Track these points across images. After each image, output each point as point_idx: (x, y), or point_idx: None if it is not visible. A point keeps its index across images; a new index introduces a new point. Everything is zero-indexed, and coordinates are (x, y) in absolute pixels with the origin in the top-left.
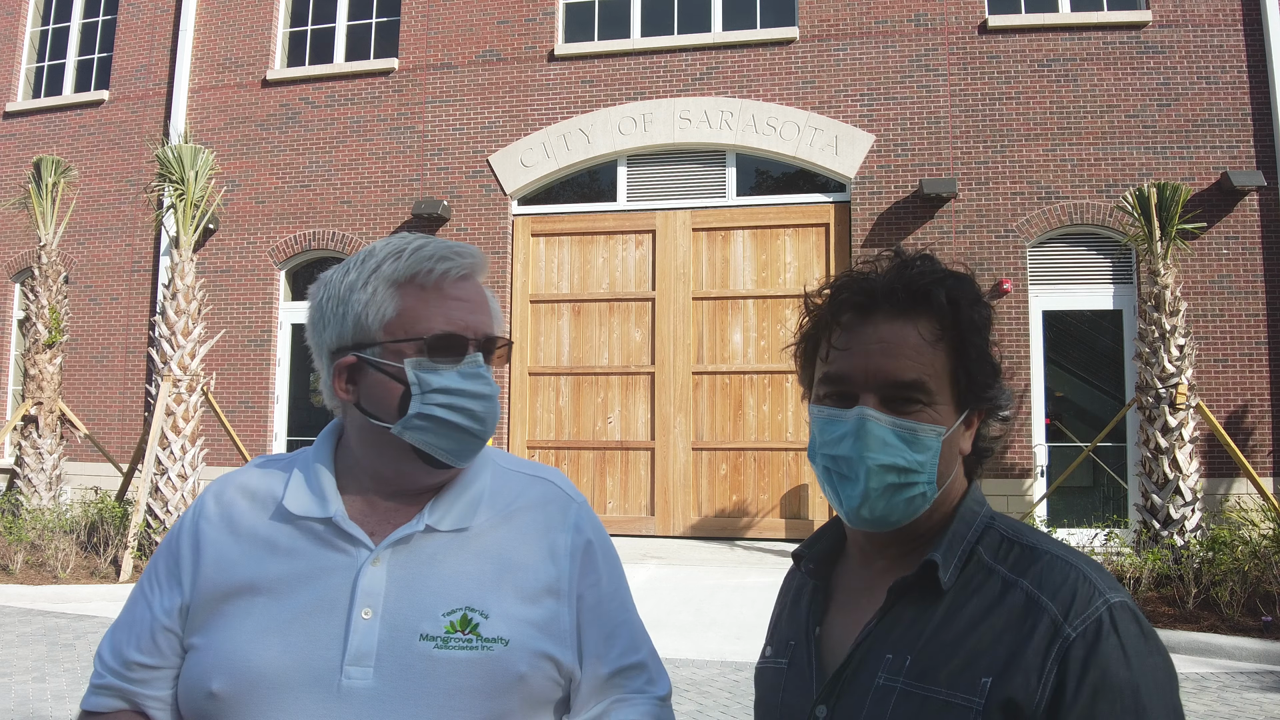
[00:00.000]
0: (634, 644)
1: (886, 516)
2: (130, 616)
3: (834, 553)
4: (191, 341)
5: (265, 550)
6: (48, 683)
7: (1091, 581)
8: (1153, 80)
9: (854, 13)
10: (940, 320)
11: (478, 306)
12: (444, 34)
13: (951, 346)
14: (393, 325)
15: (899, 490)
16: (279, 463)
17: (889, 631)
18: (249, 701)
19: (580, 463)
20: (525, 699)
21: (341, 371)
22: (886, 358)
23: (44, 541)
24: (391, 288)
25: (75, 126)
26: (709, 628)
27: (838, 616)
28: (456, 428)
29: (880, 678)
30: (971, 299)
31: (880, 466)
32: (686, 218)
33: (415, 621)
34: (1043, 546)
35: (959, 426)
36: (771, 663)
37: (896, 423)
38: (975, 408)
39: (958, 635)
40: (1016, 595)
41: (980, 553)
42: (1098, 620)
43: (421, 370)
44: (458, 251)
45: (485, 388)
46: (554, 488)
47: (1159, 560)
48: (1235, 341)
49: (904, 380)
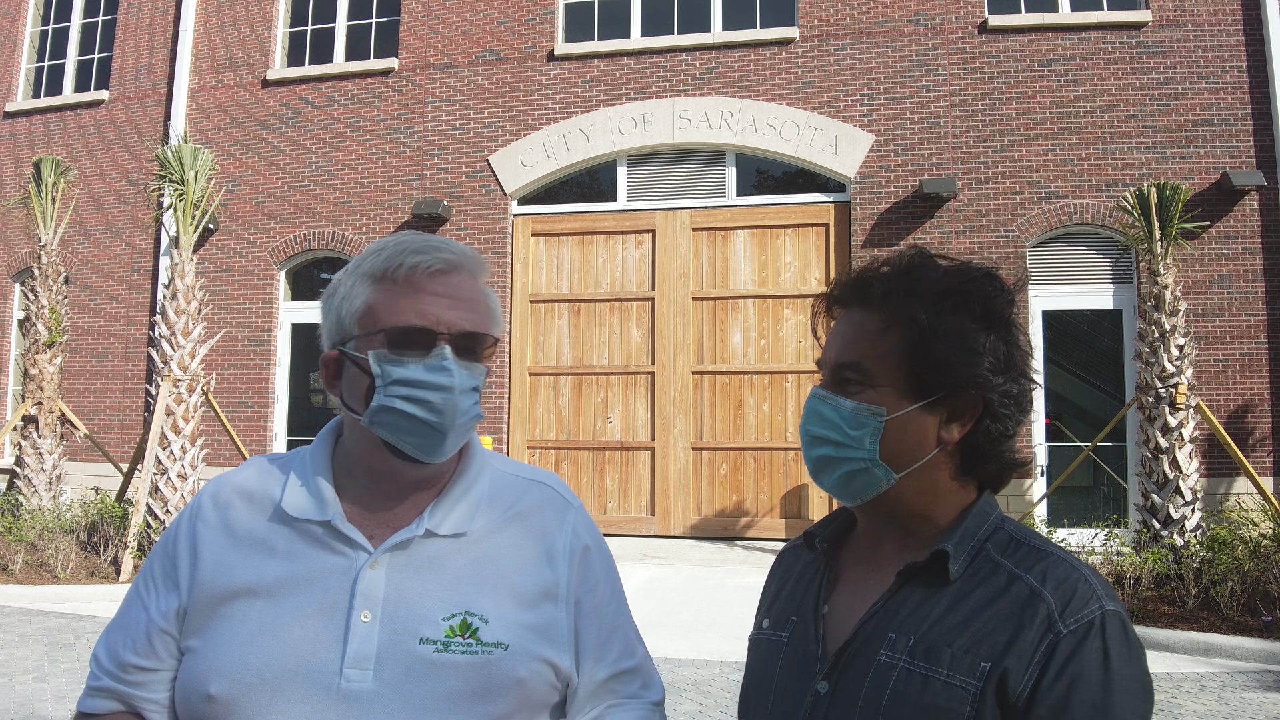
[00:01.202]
0: (630, 648)
1: (834, 487)
2: (125, 618)
3: (843, 535)
4: (191, 341)
5: (263, 553)
6: (48, 683)
7: (1092, 586)
8: (1153, 80)
9: (854, 13)
10: (884, 310)
11: (458, 303)
12: (444, 34)
13: (899, 334)
14: (365, 319)
15: (835, 464)
16: (275, 463)
17: (895, 612)
18: (247, 704)
19: (580, 463)
20: (523, 703)
21: (327, 365)
22: (835, 343)
23: (44, 541)
24: (367, 282)
25: (75, 126)
26: (709, 628)
27: (843, 596)
28: (415, 419)
29: (883, 655)
30: (927, 292)
31: (812, 437)
32: (686, 218)
33: (415, 625)
34: (1049, 549)
35: (914, 412)
36: (768, 634)
37: (832, 399)
38: (940, 395)
39: (962, 620)
40: (1020, 587)
41: (989, 549)
42: (1089, 622)
43: (385, 362)
44: (435, 246)
45: (446, 379)
46: (552, 492)
47: (1159, 560)
48: (1235, 341)
49: (843, 361)
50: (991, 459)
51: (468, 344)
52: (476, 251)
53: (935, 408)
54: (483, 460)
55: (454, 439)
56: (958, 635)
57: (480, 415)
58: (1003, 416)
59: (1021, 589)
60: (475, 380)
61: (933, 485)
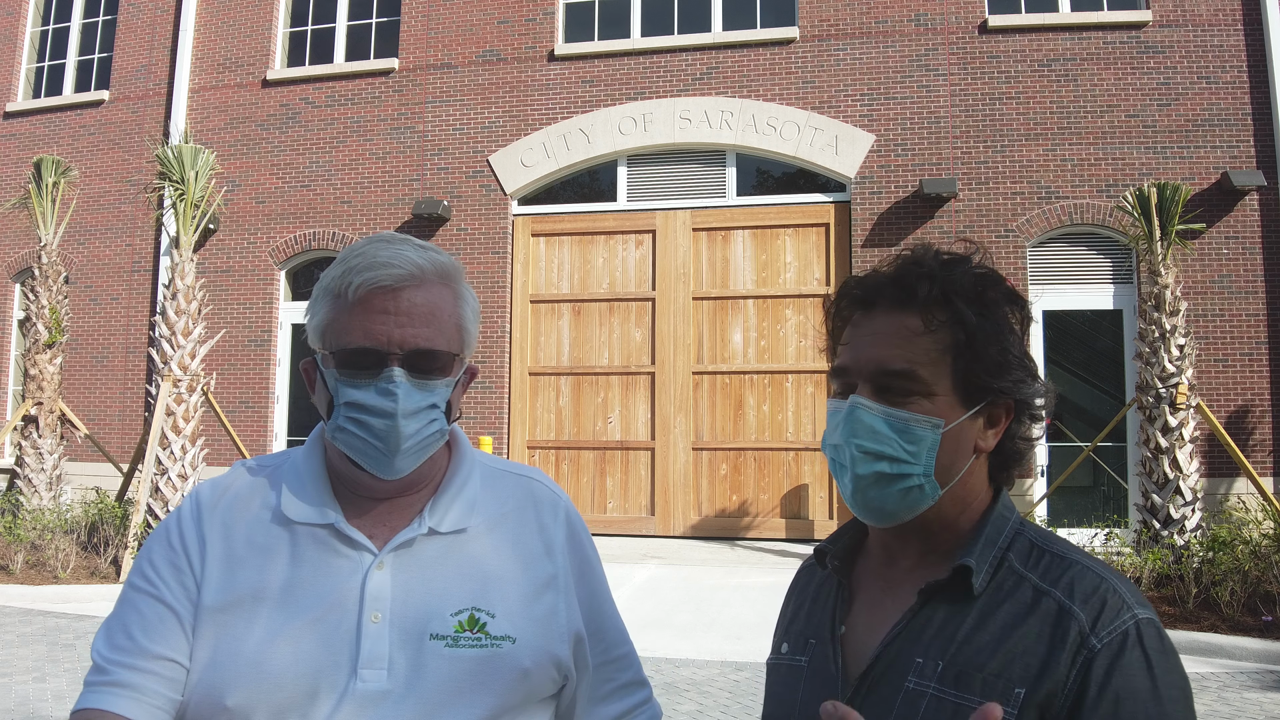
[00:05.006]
0: (621, 635)
1: (883, 508)
2: (132, 607)
3: (855, 550)
4: (191, 341)
5: (267, 557)
6: (48, 683)
7: (1121, 595)
8: (1153, 80)
9: (854, 13)
10: (931, 312)
11: (411, 319)
12: (444, 34)
13: (948, 338)
14: (325, 335)
15: (890, 481)
16: (265, 467)
17: (918, 634)
18: (265, 711)
19: (580, 463)
20: (528, 693)
21: (306, 373)
22: (877, 348)
23: (44, 541)
24: (326, 298)
25: (75, 126)
26: (709, 628)
27: (860, 616)
28: (363, 440)
29: (910, 681)
30: (968, 290)
31: (865, 453)
32: (686, 218)
33: (424, 623)
34: (1072, 556)
35: (965, 421)
36: (788, 659)
37: (887, 411)
38: (987, 401)
39: (990, 642)
40: (1048, 603)
41: (1011, 559)
42: (1124, 633)
43: (339, 382)
44: (388, 261)
45: (389, 404)
46: (543, 486)
47: (1159, 560)
48: (1235, 341)
49: (893, 369)
50: (1020, 464)
51: (422, 361)
52: (448, 258)
53: (978, 415)
54: (472, 457)
55: (404, 460)
56: (988, 658)
57: (443, 430)
58: (1032, 419)
59: (1050, 605)
60: (431, 398)
61: (964, 495)
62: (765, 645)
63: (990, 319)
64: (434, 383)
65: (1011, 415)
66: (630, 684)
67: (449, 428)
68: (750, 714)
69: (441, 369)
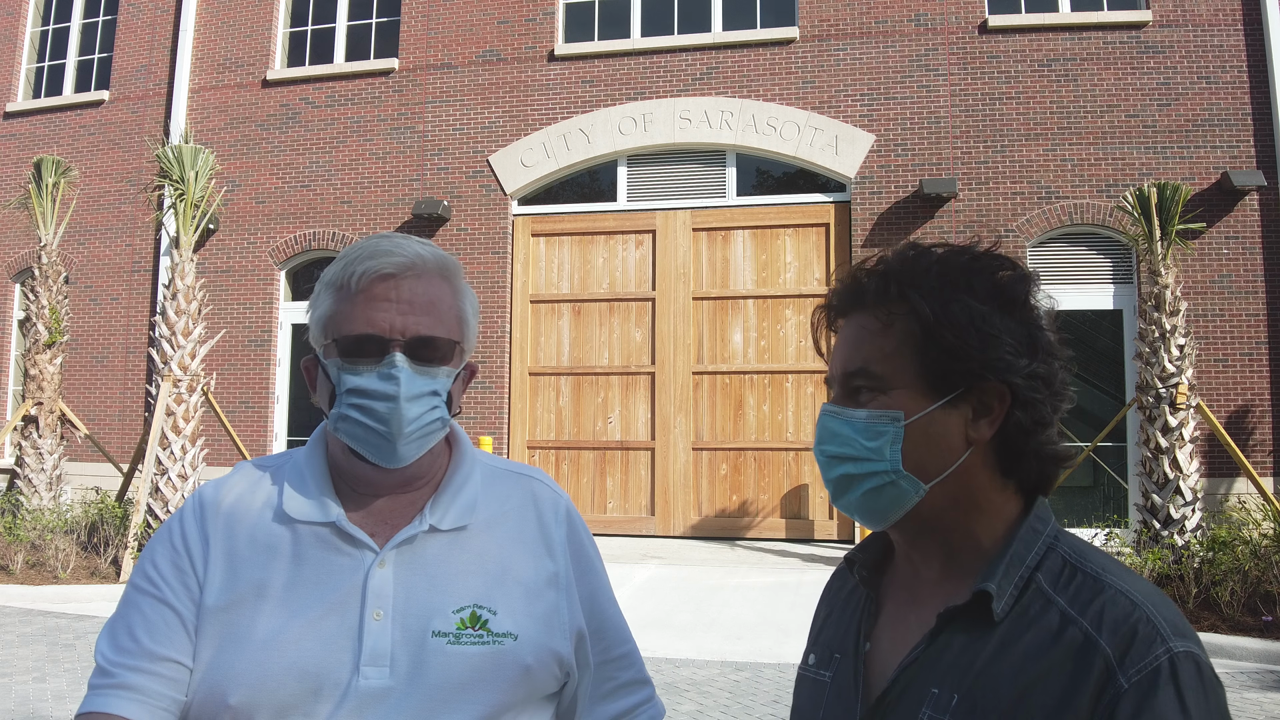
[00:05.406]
0: (622, 633)
1: (863, 507)
2: (135, 608)
3: (885, 559)
4: (192, 341)
5: (269, 556)
6: (48, 683)
7: (1155, 625)
8: (1153, 80)
9: (854, 13)
10: (885, 308)
11: (412, 307)
12: (444, 34)
13: (904, 330)
14: (328, 327)
15: (858, 480)
16: (267, 466)
17: (936, 660)
18: (268, 710)
19: (580, 463)
20: (530, 691)
21: (307, 371)
22: (841, 352)
23: (44, 542)
24: (329, 291)
25: (75, 126)
26: (709, 628)
27: (885, 632)
28: (366, 428)
29: (925, 713)
30: (932, 280)
31: (830, 458)
32: (686, 218)
33: (426, 620)
34: (1107, 576)
35: (936, 412)
36: (813, 673)
37: (842, 412)
38: (964, 388)
39: (1009, 673)
40: (1074, 633)
41: (1039, 580)
42: (1156, 670)
43: (341, 371)
44: (390, 251)
45: (391, 388)
46: (543, 485)
47: (1159, 560)
48: (1235, 341)
49: (849, 370)
50: (1028, 453)
51: (423, 349)
52: (444, 253)
53: (959, 404)
54: (473, 455)
55: (407, 446)
56: (1005, 692)
57: (444, 419)
58: (1034, 403)
59: (1075, 635)
60: (433, 385)
61: (970, 493)
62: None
63: (962, 304)
64: (435, 370)
65: (1008, 401)
66: (632, 683)
67: (450, 421)
68: (750, 714)
69: (443, 357)
